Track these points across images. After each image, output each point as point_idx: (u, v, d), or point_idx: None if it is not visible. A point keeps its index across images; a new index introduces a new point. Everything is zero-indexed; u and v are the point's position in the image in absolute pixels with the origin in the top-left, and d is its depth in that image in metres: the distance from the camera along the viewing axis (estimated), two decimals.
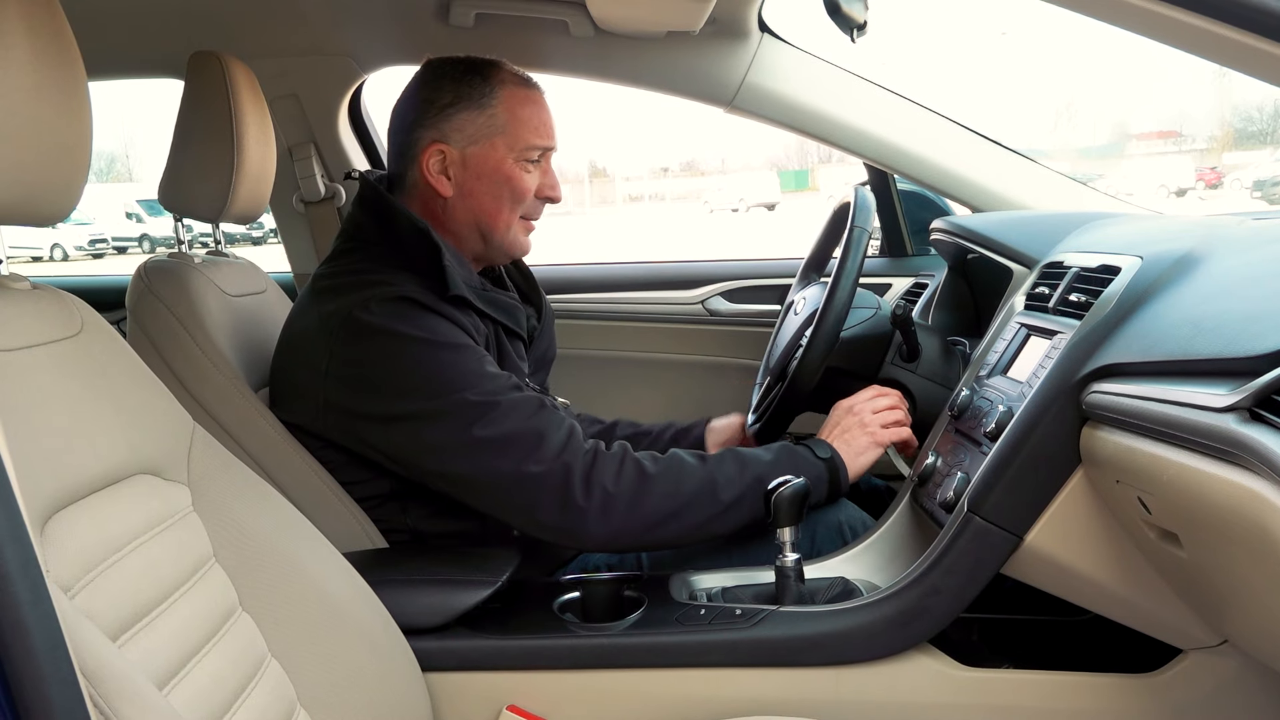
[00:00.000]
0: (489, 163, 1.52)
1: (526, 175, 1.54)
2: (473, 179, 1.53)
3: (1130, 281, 1.20)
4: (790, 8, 2.14)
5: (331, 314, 1.44)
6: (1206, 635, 1.21)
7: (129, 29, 2.16)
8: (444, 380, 1.39)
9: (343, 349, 1.43)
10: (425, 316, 1.42)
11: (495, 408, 1.39)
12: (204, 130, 1.55)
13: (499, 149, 1.52)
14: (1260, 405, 0.84)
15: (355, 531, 1.47)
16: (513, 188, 1.54)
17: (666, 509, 1.41)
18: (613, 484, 1.39)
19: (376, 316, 1.41)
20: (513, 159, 1.53)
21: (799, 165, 44.11)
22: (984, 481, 1.24)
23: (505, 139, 1.52)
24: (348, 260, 1.53)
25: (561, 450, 1.39)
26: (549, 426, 1.41)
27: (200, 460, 1.11)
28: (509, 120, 1.52)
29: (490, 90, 1.52)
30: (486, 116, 1.52)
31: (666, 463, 1.44)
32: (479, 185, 1.53)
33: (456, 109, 1.52)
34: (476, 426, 1.38)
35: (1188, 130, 38.49)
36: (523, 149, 1.53)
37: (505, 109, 1.52)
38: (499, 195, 1.54)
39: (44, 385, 0.92)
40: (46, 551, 0.83)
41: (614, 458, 1.42)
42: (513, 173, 1.53)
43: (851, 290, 1.59)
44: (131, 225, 22.88)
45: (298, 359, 1.50)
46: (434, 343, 1.41)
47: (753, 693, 1.29)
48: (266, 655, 1.07)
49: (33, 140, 0.90)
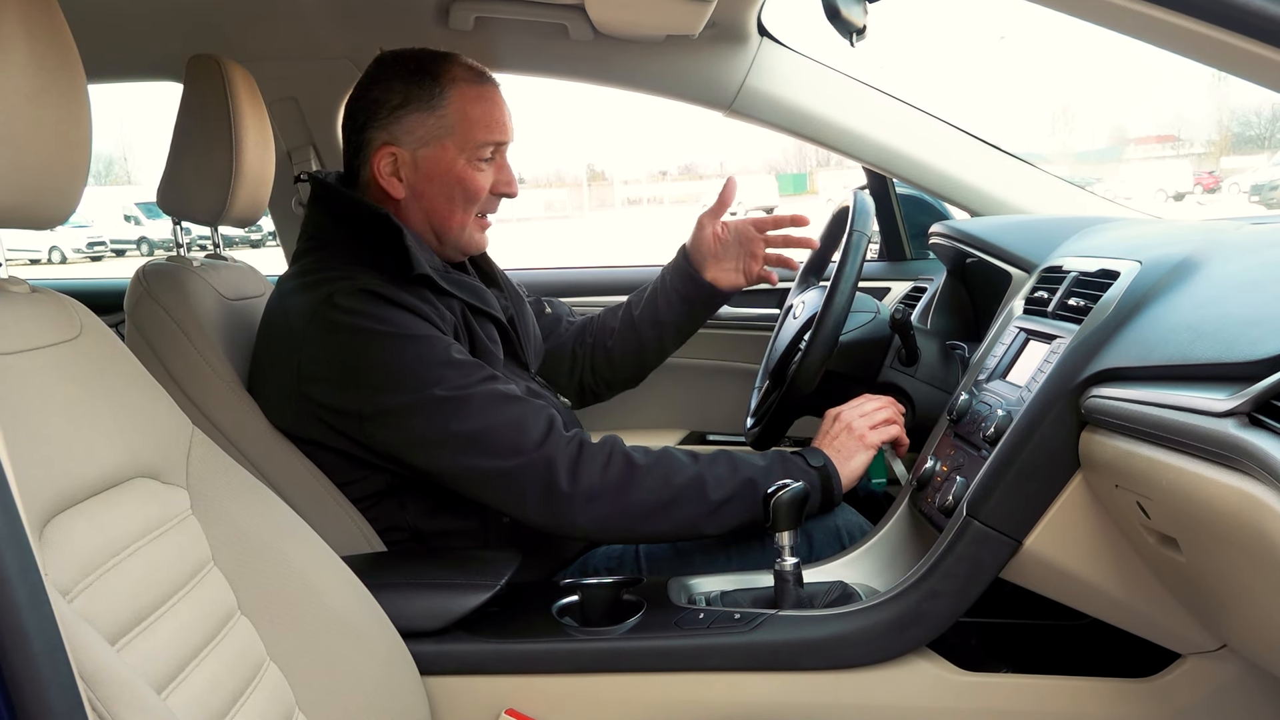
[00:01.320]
0: (440, 164, 1.51)
1: (479, 174, 1.53)
2: (424, 181, 1.52)
3: (1129, 286, 1.20)
4: (789, 12, 2.15)
5: (297, 313, 1.44)
6: (1205, 640, 1.21)
7: (128, 32, 2.16)
8: (412, 375, 1.38)
9: (310, 347, 1.42)
10: (387, 309, 1.40)
11: (468, 402, 1.38)
12: (202, 133, 1.55)
13: (450, 150, 1.51)
14: (1259, 410, 0.84)
15: (354, 534, 1.47)
16: (465, 188, 1.52)
17: (654, 503, 1.40)
18: (599, 476, 1.39)
19: (340, 313, 1.40)
20: (464, 159, 1.51)
21: (798, 169, 44.23)
22: (983, 486, 1.24)
23: (456, 140, 1.50)
24: (309, 260, 1.53)
25: (542, 442, 1.39)
26: (528, 418, 1.40)
27: (199, 464, 1.11)
28: (459, 120, 1.50)
29: (440, 90, 1.50)
30: (436, 118, 1.50)
31: (656, 457, 1.44)
32: (430, 187, 1.52)
33: (406, 110, 1.50)
34: (452, 422, 1.37)
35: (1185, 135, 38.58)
36: (475, 148, 1.51)
37: (455, 109, 1.50)
38: (451, 197, 1.53)
39: (43, 389, 0.92)
40: (45, 555, 0.83)
41: (600, 449, 1.42)
42: (464, 173, 1.52)
43: (850, 294, 1.59)
44: (130, 228, 22.91)
45: (269, 362, 1.50)
46: (399, 336, 1.39)
47: (751, 697, 1.29)
48: (265, 659, 1.07)
49: (32, 144, 0.90)
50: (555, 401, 1.62)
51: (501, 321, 1.58)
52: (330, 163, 2.33)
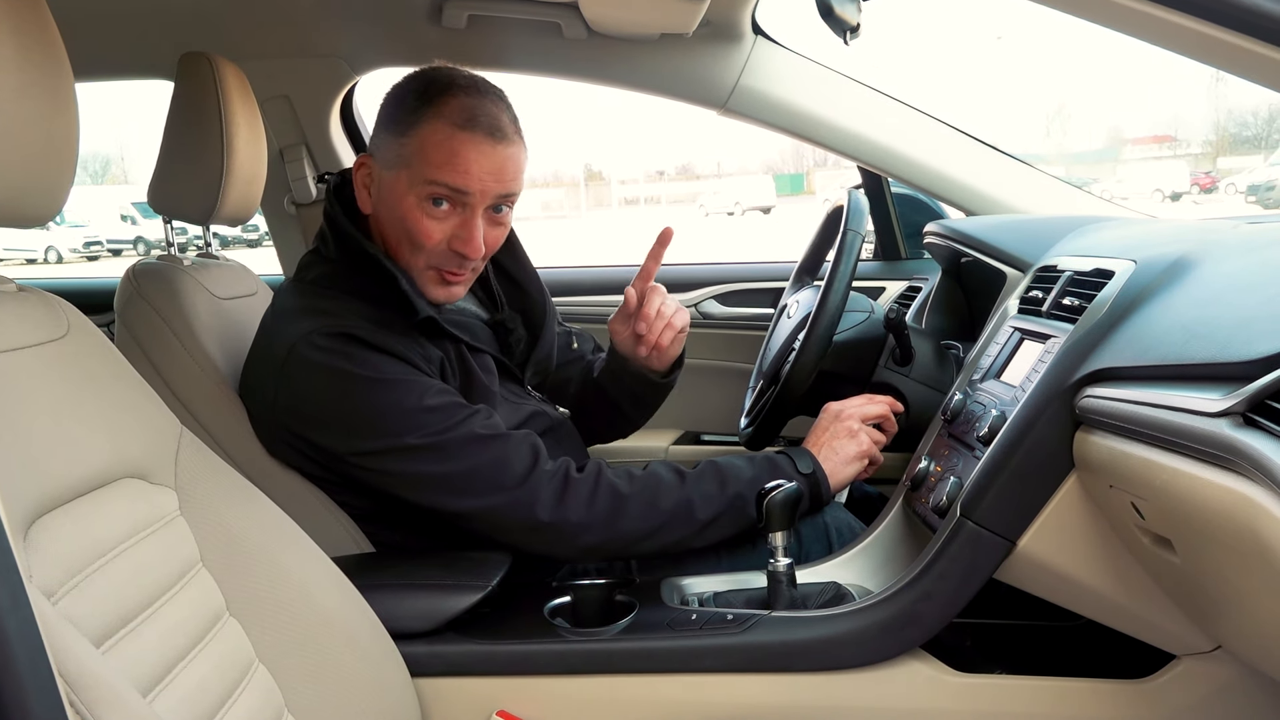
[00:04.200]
0: (394, 194, 1.41)
1: (427, 220, 1.40)
2: (382, 205, 1.45)
3: (1124, 286, 1.20)
4: (783, 10, 2.14)
5: (280, 342, 1.41)
6: (1200, 641, 1.21)
7: (118, 30, 2.15)
8: (388, 421, 1.36)
9: (287, 382, 1.39)
10: (365, 352, 1.37)
11: (444, 447, 1.36)
12: (194, 132, 1.54)
13: (401, 182, 1.40)
14: (1254, 410, 0.83)
15: (343, 536, 1.46)
16: (408, 229, 1.41)
17: (642, 529, 1.40)
18: (585, 509, 1.38)
19: (317, 352, 1.37)
20: (414, 198, 1.39)
21: (795, 169, 44.31)
22: (977, 486, 1.23)
23: (409, 173, 1.39)
24: (313, 275, 1.50)
25: (525, 477, 1.37)
26: (509, 454, 1.38)
27: (188, 464, 1.10)
28: (415, 153, 1.38)
29: (418, 119, 1.39)
30: (399, 144, 1.40)
31: (643, 482, 1.43)
32: (386, 212, 1.45)
33: (382, 126, 1.44)
34: (430, 465, 1.36)
35: (1182, 135, 38.66)
36: (423, 184, 1.38)
37: (418, 141, 1.38)
38: (399, 232, 1.43)
39: (29, 388, 0.91)
40: (30, 557, 0.82)
41: (586, 481, 1.40)
42: (411, 214, 1.40)
43: (845, 294, 1.59)
44: (126, 227, 22.91)
45: (255, 381, 1.48)
46: (374, 380, 1.36)
47: (744, 698, 1.28)
48: (254, 661, 1.06)
49: (18, 142, 0.89)
50: (554, 415, 1.61)
51: (497, 357, 1.56)
52: (323, 162, 2.32)
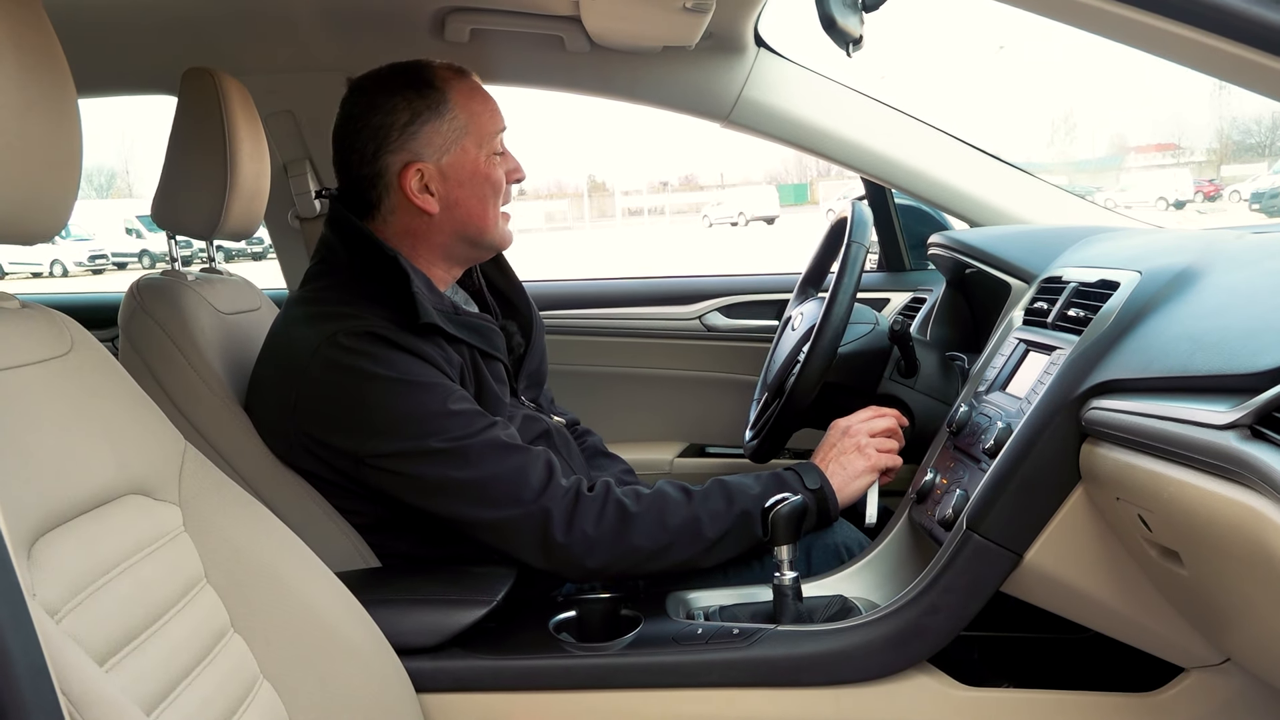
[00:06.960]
0: (466, 167, 1.52)
1: (498, 167, 1.55)
2: (455, 188, 1.52)
3: (1129, 297, 1.20)
4: (786, 22, 2.15)
5: (300, 346, 1.42)
6: (1208, 653, 1.20)
7: (122, 45, 2.16)
8: (412, 423, 1.37)
9: (310, 385, 1.40)
10: (391, 352, 1.39)
11: (466, 453, 1.37)
12: (197, 147, 1.54)
13: (470, 150, 1.52)
14: (1261, 423, 0.83)
15: (349, 551, 1.46)
16: (491, 183, 1.54)
17: (650, 548, 1.40)
18: (594, 526, 1.38)
19: (343, 353, 1.38)
20: (484, 155, 1.52)
21: (798, 179, 44.34)
22: (983, 499, 1.23)
23: (472, 138, 1.52)
24: (320, 285, 1.51)
25: (540, 493, 1.38)
26: (527, 467, 1.39)
27: (192, 480, 1.10)
28: (469, 119, 1.51)
29: (442, 95, 1.50)
30: (448, 122, 1.50)
31: (650, 500, 1.43)
32: (463, 192, 1.52)
33: (418, 124, 1.49)
34: (450, 470, 1.37)
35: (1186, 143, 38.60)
36: (489, 140, 1.53)
37: (461, 108, 1.51)
38: (483, 195, 1.53)
39: (32, 406, 0.91)
40: (33, 575, 0.82)
41: (595, 499, 1.41)
42: (487, 169, 1.53)
43: (849, 305, 1.59)
44: (132, 241, 22.94)
45: (268, 388, 1.48)
46: (401, 381, 1.38)
47: (751, 713, 1.28)
48: (258, 677, 1.06)
49: (21, 159, 0.89)
50: (547, 422, 1.61)
51: (507, 365, 1.58)
52: (326, 177, 2.33)
